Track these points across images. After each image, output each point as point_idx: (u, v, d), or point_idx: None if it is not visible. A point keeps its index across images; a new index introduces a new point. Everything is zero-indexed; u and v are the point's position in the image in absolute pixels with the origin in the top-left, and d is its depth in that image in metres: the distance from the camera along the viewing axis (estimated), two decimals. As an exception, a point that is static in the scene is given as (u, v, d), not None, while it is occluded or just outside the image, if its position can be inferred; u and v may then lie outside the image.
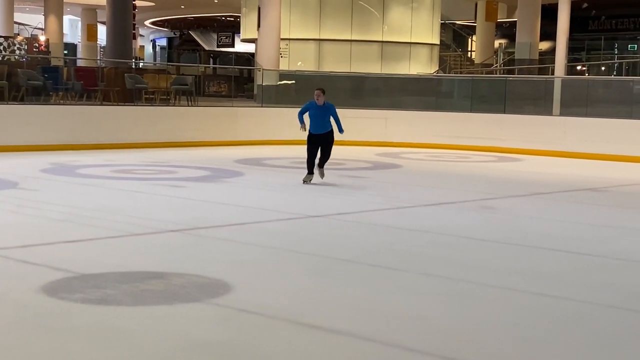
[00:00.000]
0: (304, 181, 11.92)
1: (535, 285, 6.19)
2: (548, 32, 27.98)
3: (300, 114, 12.12)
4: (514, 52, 30.60)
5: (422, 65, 31.12)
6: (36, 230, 7.86)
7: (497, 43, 37.21)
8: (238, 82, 32.67)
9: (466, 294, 5.95)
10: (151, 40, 56.20)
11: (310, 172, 11.93)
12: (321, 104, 12.03)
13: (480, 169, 15.29)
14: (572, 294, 5.97)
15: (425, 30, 31.31)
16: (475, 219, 9.52)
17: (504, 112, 19.78)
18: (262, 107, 20.71)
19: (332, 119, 12.14)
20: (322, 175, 12.01)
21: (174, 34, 52.16)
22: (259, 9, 25.62)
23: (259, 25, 25.69)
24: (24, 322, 4.96)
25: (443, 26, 35.05)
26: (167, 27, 50.14)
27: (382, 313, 5.36)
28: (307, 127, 11.98)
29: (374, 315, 5.31)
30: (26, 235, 7.54)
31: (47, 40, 28.38)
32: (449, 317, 5.32)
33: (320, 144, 11.94)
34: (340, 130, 12.20)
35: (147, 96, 20.47)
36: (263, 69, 23.13)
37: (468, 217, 9.59)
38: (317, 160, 11.99)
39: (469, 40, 41.19)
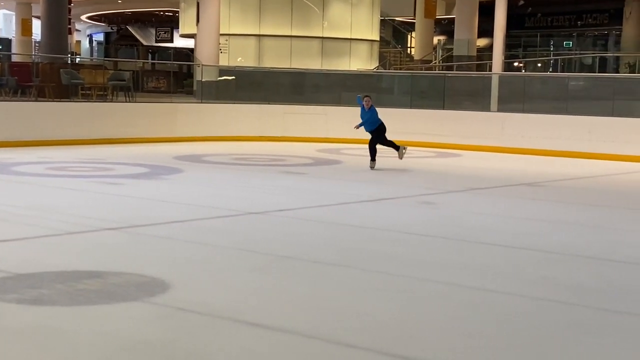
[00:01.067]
0: (370, 167, 14.26)
1: (475, 280, 6.25)
2: (486, 29, 28.34)
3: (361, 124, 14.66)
4: (452, 49, 30.93)
5: (362, 62, 31.25)
6: (-32, 230, 7.66)
7: (436, 39, 37.54)
8: (177, 77, 32.42)
9: (407, 289, 5.98)
10: (88, 35, 55.30)
11: (373, 159, 14.35)
12: (368, 107, 14.67)
13: (420, 165, 15.41)
14: (512, 288, 6.04)
15: (365, 26, 31.44)
16: (415, 214, 9.59)
17: (443, 108, 19.99)
18: (201, 103, 20.58)
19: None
20: (401, 155, 14.67)
21: (112, 28, 51.42)
22: (198, 4, 25.43)
23: (198, 21, 25.50)
24: (-45, 324, 4.82)
25: (383, 22, 35.24)
26: (104, 22, 49.39)
27: (323, 310, 5.35)
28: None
29: (316, 312, 5.30)
30: (-42, 235, 7.35)
31: (-20, 35, 27.70)
32: (390, 312, 5.33)
33: (375, 135, 14.50)
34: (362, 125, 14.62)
35: (84, 92, 20.15)
36: (202, 65, 22.97)
37: (408, 213, 9.65)
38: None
39: (409, 36, 41.49)
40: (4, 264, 6.21)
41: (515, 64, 33.82)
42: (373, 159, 14.29)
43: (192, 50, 35.75)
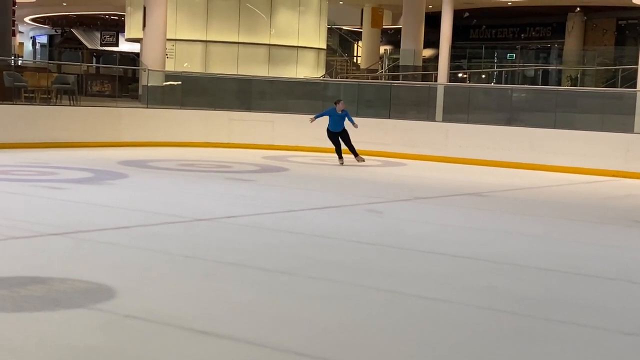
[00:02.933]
0: (341, 164, 16.35)
1: (420, 289, 6.32)
2: (431, 39, 28.68)
3: (319, 115, 16.66)
4: (398, 59, 31.20)
5: (309, 69, 31.34)
6: None
7: (382, 49, 37.86)
8: (122, 82, 32.05)
9: (349, 296, 6.02)
10: (31, 37, 54.40)
11: (340, 157, 16.50)
12: (340, 111, 16.35)
13: (365, 174, 15.51)
14: (456, 297, 6.12)
15: (312, 34, 31.54)
16: (359, 222, 9.65)
17: (389, 117, 20.15)
18: (147, 107, 20.39)
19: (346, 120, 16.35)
20: (361, 160, 16.40)
21: (56, 31, 50.65)
22: (145, 8, 25.22)
23: (144, 25, 25.28)
24: None
25: (330, 31, 35.38)
26: (48, 24, 48.63)
27: (268, 316, 5.37)
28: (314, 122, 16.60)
29: (260, 318, 5.31)
30: None
31: None
32: (335, 320, 5.37)
33: (340, 136, 16.42)
34: (354, 124, 16.50)
35: (27, 95, 19.83)
36: (148, 70, 22.78)
37: (352, 221, 9.71)
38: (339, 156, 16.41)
39: (355, 45, 41.73)
40: (-56, 269, 6.09)
41: (460, 74, 34.26)
42: (340, 157, 16.38)
43: (137, 54, 35.44)
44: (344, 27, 40.78)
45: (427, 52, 32.99)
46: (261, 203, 10.75)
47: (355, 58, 41.04)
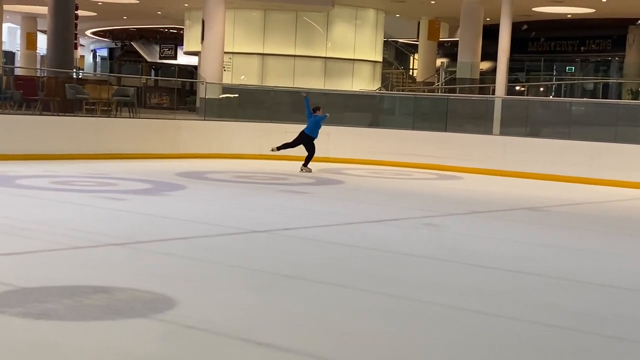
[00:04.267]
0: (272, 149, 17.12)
1: (474, 303, 6.27)
2: (489, 52, 28.45)
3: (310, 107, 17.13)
4: (455, 71, 31.04)
5: (364, 82, 31.36)
6: (-27, 242, 7.68)
7: (439, 62, 37.69)
8: (180, 94, 32.49)
9: (407, 311, 6.00)
10: (92, 50, 55.47)
11: (278, 149, 17.05)
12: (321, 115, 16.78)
13: (421, 187, 15.44)
14: (514, 313, 6.05)
15: (368, 47, 31.58)
16: (415, 236, 9.61)
17: (445, 130, 20.04)
18: (204, 120, 20.62)
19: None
20: (302, 170, 16.75)
21: (116, 44, 51.57)
22: (203, 22, 25.56)
23: (202, 39, 25.62)
24: (-38, 336, 4.83)
25: (386, 44, 35.37)
26: (108, 37, 49.55)
27: (324, 330, 5.37)
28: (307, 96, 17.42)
29: (318, 332, 5.32)
30: (-37, 247, 7.37)
31: (-15, 48, 27.83)
32: (389, 334, 5.35)
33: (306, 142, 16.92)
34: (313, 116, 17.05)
35: (88, 107, 20.22)
36: (206, 82, 23.05)
37: (409, 234, 9.67)
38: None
39: (411, 58, 41.64)
40: (8, 278, 6.24)
41: (518, 87, 33.92)
42: (278, 149, 16.94)
43: (195, 67, 35.88)
44: (400, 40, 40.73)
45: (485, 65, 32.76)
46: (317, 215, 10.77)
47: (411, 71, 40.94)
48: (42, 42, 38.50)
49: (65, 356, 4.57)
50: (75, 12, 23.69)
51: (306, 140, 16.96)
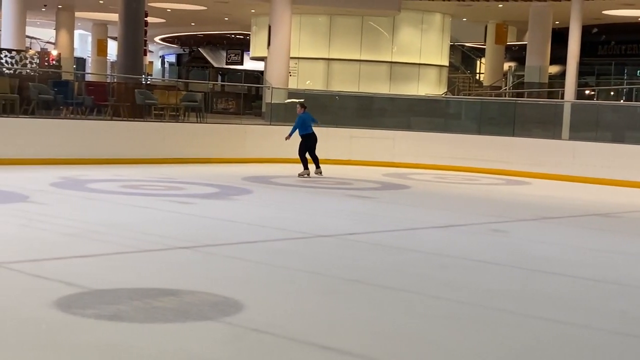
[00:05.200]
0: (299, 175, 16.07)
1: (544, 311, 6.17)
2: (558, 55, 28.05)
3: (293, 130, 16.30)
4: (523, 75, 30.67)
5: (430, 86, 31.21)
6: (46, 245, 7.88)
7: (506, 66, 37.26)
8: (246, 99, 32.82)
9: (474, 318, 5.94)
10: (160, 56, 56.40)
11: (305, 167, 16.15)
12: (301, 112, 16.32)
13: (488, 192, 15.29)
14: (585, 321, 5.95)
15: (434, 51, 31.41)
16: (483, 242, 9.52)
17: (513, 135, 19.80)
18: (270, 124, 20.76)
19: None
20: (317, 173, 16.15)
21: (184, 50, 52.35)
22: (270, 27, 25.77)
23: (269, 44, 25.83)
24: (37, 337, 4.96)
25: (452, 48, 35.13)
26: (177, 43, 50.32)
27: (389, 335, 5.36)
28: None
29: (384, 337, 5.31)
30: (36, 250, 7.57)
31: (59, 55, 28.51)
32: (457, 341, 5.31)
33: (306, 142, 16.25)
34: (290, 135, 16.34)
35: (157, 112, 20.55)
36: (272, 87, 23.22)
37: (476, 240, 9.58)
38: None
39: (478, 62, 41.26)
40: (81, 280, 6.37)
41: (587, 92, 33.34)
42: (305, 167, 15.94)
43: (261, 72, 36.17)
44: (466, 44, 40.40)
45: (554, 69, 32.28)
46: (382, 221, 10.75)
47: (478, 75, 40.57)
48: (113, 49, 39.32)
49: (135, 358, 4.65)
50: (145, 19, 24.15)
51: (305, 141, 16.40)
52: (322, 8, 28.93)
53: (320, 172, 16.23)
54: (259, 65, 39.51)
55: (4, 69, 21.74)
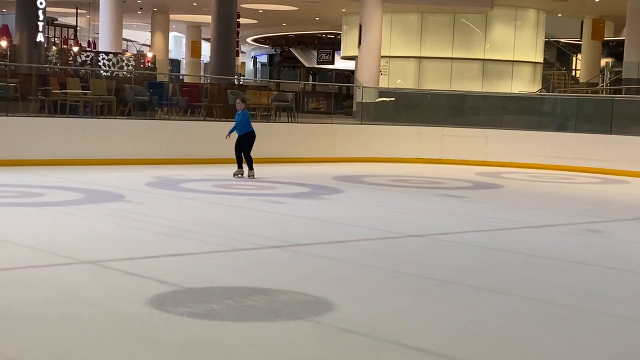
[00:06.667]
0: (234, 174, 14.55)
1: (644, 314, 5.99)
2: (658, 51, 27.15)
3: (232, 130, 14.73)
4: (621, 72, 29.82)
5: (524, 84, 30.66)
6: (141, 243, 8.06)
7: (603, 62, 36.29)
8: (337, 99, 32.86)
9: (569, 319, 5.80)
10: (252, 57, 57.04)
11: (240, 166, 14.65)
12: (240, 110, 14.88)
13: (584, 191, 14.92)
14: (685, 325, 5.74)
15: (528, 48, 30.85)
16: (578, 242, 9.29)
17: (610, 133, 19.26)
18: (361, 124, 20.76)
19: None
20: (250, 175, 14.45)
21: (275, 50, 52.81)
22: (360, 26, 25.77)
23: (359, 43, 25.83)
24: (131, 334, 5.07)
25: (547, 44, 34.42)
26: (268, 44, 50.81)
27: (483, 336, 5.28)
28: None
29: (476, 338, 5.24)
30: (132, 248, 7.75)
31: (154, 57, 29.18)
32: (553, 343, 5.19)
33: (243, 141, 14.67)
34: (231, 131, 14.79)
35: (249, 112, 20.74)
36: (363, 87, 23.20)
37: (572, 241, 9.36)
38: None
39: (574, 58, 40.32)
40: (174, 278, 6.50)
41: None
42: (240, 166, 14.58)
43: (352, 71, 36.19)
44: (562, 40, 39.51)
45: (653, 65, 31.26)
46: (474, 220, 10.61)
47: (574, 72, 39.64)
48: (206, 50, 39.96)
49: (228, 356, 4.71)
50: (237, 20, 24.48)
51: (242, 140, 14.65)
52: (413, 6, 28.76)
53: (253, 175, 14.44)
54: (349, 65, 39.55)
55: (102, 72, 22.36)
